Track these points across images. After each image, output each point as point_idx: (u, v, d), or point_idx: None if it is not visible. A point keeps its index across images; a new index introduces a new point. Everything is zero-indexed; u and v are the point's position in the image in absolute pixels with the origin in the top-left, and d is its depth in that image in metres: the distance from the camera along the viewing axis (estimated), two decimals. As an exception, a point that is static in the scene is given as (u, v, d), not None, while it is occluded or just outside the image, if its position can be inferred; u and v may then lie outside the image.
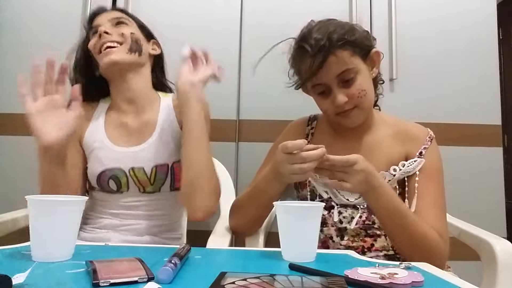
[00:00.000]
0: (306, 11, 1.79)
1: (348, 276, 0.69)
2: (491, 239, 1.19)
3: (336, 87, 1.14)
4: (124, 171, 1.27)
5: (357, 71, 1.14)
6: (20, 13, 1.89)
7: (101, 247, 0.97)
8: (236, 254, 0.95)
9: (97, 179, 1.28)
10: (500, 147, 1.80)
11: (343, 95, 1.14)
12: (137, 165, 1.27)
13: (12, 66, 1.85)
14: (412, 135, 1.23)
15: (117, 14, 1.37)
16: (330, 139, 1.28)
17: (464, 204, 1.69)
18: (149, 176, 1.28)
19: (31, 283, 0.62)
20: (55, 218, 0.78)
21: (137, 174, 1.27)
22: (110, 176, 1.27)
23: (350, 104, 1.15)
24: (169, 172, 1.29)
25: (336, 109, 1.17)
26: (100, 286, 0.62)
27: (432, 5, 1.87)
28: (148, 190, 1.29)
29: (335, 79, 1.13)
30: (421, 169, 1.17)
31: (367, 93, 1.16)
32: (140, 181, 1.28)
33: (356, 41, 1.14)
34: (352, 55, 1.13)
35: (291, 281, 0.65)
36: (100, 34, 1.28)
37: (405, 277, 0.67)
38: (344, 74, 1.13)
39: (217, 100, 1.80)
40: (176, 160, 1.30)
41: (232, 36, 1.86)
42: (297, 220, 0.87)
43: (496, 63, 1.83)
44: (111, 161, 1.28)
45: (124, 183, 1.27)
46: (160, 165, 1.28)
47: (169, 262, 0.68)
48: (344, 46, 1.12)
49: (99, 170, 1.28)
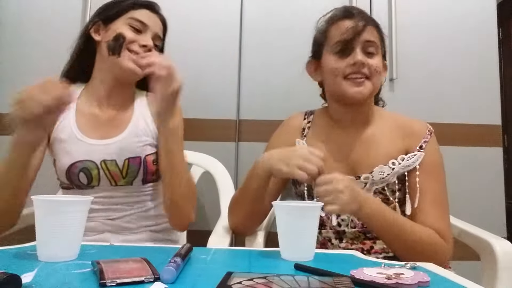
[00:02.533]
0: (306, 11, 1.81)
1: (354, 276, 0.69)
2: (491, 239, 1.19)
3: (359, 49, 1.18)
4: (96, 163, 1.23)
5: (378, 52, 1.21)
6: (20, 13, 1.88)
7: (106, 247, 0.97)
8: (241, 254, 0.95)
9: (67, 172, 1.23)
10: (500, 147, 1.81)
11: (364, 57, 1.18)
12: (109, 157, 1.24)
13: (12, 66, 1.85)
14: (411, 129, 1.23)
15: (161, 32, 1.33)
16: (328, 132, 1.28)
17: (464, 204, 1.69)
18: (121, 169, 1.25)
19: (39, 283, 0.63)
20: (61, 218, 0.78)
21: (109, 167, 1.24)
22: (81, 169, 1.23)
23: (366, 70, 1.18)
24: (141, 164, 1.27)
25: (351, 68, 1.18)
26: (107, 286, 0.62)
27: (432, 5, 1.87)
28: (120, 183, 1.26)
29: (362, 43, 1.19)
30: (421, 164, 1.17)
31: (380, 73, 1.21)
32: (112, 174, 1.25)
33: (383, 35, 1.25)
34: (379, 40, 1.23)
35: (298, 281, 0.65)
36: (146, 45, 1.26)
37: (411, 277, 0.68)
38: (371, 43, 1.20)
39: (217, 100, 1.81)
40: (148, 153, 1.28)
41: (232, 36, 1.86)
42: (295, 219, 0.88)
43: (496, 63, 1.83)
44: (82, 153, 1.24)
45: (95, 175, 1.23)
46: (132, 157, 1.26)
47: (172, 262, 0.69)
48: (377, 29, 1.23)
49: (68, 163, 1.23)
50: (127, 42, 1.25)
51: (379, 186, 1.18)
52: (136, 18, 1.27)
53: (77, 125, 1.27)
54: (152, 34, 1.29)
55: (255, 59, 1.85)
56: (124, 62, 1.25)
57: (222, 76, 1.82)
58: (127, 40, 1.25)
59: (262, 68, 1.83)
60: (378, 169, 1.17)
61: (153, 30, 1.29)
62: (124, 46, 1.25)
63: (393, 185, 1.18)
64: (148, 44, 1.26)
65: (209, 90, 1.81)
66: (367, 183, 1.18)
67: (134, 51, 1.25)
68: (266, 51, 1.84)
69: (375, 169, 1.18)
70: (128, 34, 1.25)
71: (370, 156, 1.20)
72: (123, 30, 1.26)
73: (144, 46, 1.26)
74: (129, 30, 1.26)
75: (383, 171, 1.17)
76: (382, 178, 1.17)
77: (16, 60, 1.85)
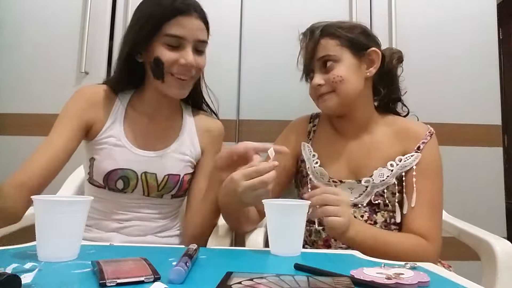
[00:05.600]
0: (306, 12, 1.81)
1: (354, 276, 0.69)
2: (491, 239, 1.19)
3: (317, 70, 1.24)
4: (137, 174, 1.23)
5: (338, 60, 1.21)
6: (19, 13, 1.88)
7: (106, 247, 0.97)
8: (241, 254, 0.95)
9: (105, 176, 1.22)
10: (500, 147, 1.81)
11: (320, 78, 1.22)
12: (151, 170, 1.25)
13: (12, 66, 1.85)
14: (411, 132, 1.24)
15: (203, 35, 1.23)
16: (331, 138, 1.31)
17: (464, 204, 1.69)
18: (159, 183, 1.26)
19: (39, 283, 0.63)
20: (61, 218, 0.78)
21: (148, 179, 1.25)
22: (121, 176, 1.22)
23: (327, 87, 1.22)
24: (179, 182, 1.28)
25: (313, 91, 1.26)
26: (107, 286, 0.62)
27: (432, 6, 1.87)
28: (152, 195, 1.27)
29: (316, 62, 1.24)
30: (418, 165, 1.18)
31: (344, 80, 1.20)
32: (149, 186, 1.25)
33: (345, 35, 1.22)
34: (338, 46, 1.22)
35: (297, 281, 0.65)
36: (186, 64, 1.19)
37: (411, 277, 0.68)
38: (326, 57, 1.22)
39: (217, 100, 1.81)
40: (187, 173, 1.30)
41: (232, 36, 1.86)
42: (283, 217, 0.91)
43: (496, 63, 1.83)
44: (125, 161, 1.23)
45: (133, 185, 1.24)
46: (172, 174, 1.27)
47: (182, 262, 0.69)
48: (332, 36, 1.22)
49: (110, 167, 1.22)
50: (166, 66, 1.19)
51: (379, 189, 1.19)
52: (171, 34, 1.18)
53: (124, 132, 1.26)
54: (192, 43, 1.20)
55: (255, 59, 1.84)
56: (169, 88, 1.23)
57: (222, 76, 1.82)
58: (165, 64, 1.19)
59: (262, 68, 1.83)
60: (378, 172, 1.20)
61: (193, 38, 1.20)
62: (165, 71, 1.20)
63: (392, 187, 1.19)
64: (188, 64, 1.19)
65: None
66: (368, 186, 1.20)
67: (176, 74, 1.20)
68: (266, 51, 1.84)
69: (374, 172, 1.20)
70: (165, 56, 1.18)
71: (371, 161, 1.22)
72: (160, 52, 1.19)
73: (183, 65, 1.19)
74: (166, 50, 1.18)
75: (382, 174, 1.19)
76: (382, 180, 1.19)
77: (16, 61, 1.85)
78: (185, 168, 1.30)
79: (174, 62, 1.18)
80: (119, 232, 1.24)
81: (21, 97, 1.84)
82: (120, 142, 1.25)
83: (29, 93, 1.84)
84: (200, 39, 1.22)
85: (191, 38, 1.19)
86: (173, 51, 1.19)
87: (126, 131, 1.27)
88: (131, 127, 1.28)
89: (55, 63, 1.85)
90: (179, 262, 0.69)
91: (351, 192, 1.21)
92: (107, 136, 1.25)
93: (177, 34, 1.18)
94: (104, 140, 1.24)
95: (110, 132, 1.25)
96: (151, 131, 1.29)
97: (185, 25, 1.18)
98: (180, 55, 1.19)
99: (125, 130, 1.27)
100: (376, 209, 1.20)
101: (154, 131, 1.29)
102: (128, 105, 1.30)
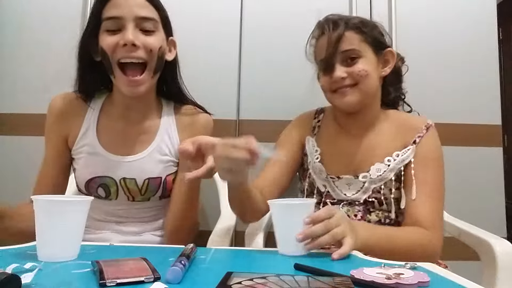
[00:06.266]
0: (306, 11, 1.80)
1: (354, 276, 0.69)
2: (491, 239, 1.19)
3: (338, 63, 1.20)
4: (115, 180, 1.20)
5: (362, 55, 1.20)
6: (20, 13, 1.88)
7: (106, 247, 0.97)
8: (241, 254, 0.95)
9: (85, 185, 1.21)
10: (500, 147, 1.80)
11: (343, 71, 1.19)
12: (129, 176, 1.20)
13: (12, 66, 1.85)
14: (409, 126, 1.25)
15: (145, 12, 1.13)
16: (335, 134, 1.32)
17: (464, 204, 1.69)
18: (140, 188, 1.22)
19: (39, 283, 0.63)
20: (61, 218, 0.78)
21: (128, 185, 1.21)
22: (100, 184, 1.20)
23: (350, 79, 1.19)
24: (161, 184, 1.24)
25: (333, 84, 1.21)
26: (107, 286, 0.62)
27: (432, 5, 1.87)
28: (138, 199, 1.24)
29: (339, 55, 1.19)
30: (416, 157, 1.19)
31: (369, 75, 1.19)
32: (131, 192, 1.22)
33: (369, 32, 1.22)
34: (363, 42, 1.21)
35: (297, 281, 0.65)
36: (125, 44, 1.10)
37: (411, 277, 0.68)
38: (349, 52, 1.19)
39: (217, 100, 1.81)
40: (169, 173, 1.25)
41: (232, 36, 1.85)
42: (287, 216, 0.92)
43: (496, 63, 1.83)
44: (102, 169, 1.20)
45: (114, 191, 1.21)
46: (153, 178, 1.22)
47: (178, 262, 0.69)
48: (357, 31, 1.20)
49: (88, 176, 1.20)
50: (109, 53, 1.11)
51: (377, 185, 1.20)
52: (107, 17, 1.11)
53: (98, 139, 1.22)
54: (133, 22, 1.11)
55: (255, 59, 1.84)
56: (121, 86, 1.15)
57: (222, 76, 1.82)
58: (107, 51, 1.11)
59: (262, 68, 1.83)
60: (375, 167, 1.21)
61: (132, 16, 1.11)
62: (112, 60, 1.12)
63: (390, 183, 1.19)
64: (127, 42, 1.09)
65: (209, 90, 1.81)
66: (366, 182, 1.21)
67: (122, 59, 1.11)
68: (266, 51, 1.84)
69: (371, 168, 1.21)
70: (105, 42, 1.11)
71: (374, 158, 1.23)
72: (101, 40, 1.12)
73: (125, 46, 1.10)
74: (106, 36, 1.11)
75: (379, 169, 1.20)
76: (379, 175, 1.20)
77: (17, 59, 1.85)
78: (167, 169, 1.24)
79: (115, 45, 1.10)
80: (117, 232, 1.24)
81: (21, 97, 1.84)
82: (95, 150, 1.21)
83: (29, 93, 1.83)
84: (141, 15, 1.12)
85: (130, 16, 1.10)
86: (114, 35, 1.11)
87: (100, 138, 1.22)
88: (105, 133, 1.23)
89: (55, 63, 1.84)
90: (175, 262, 0.69)
91: (348, 188, 1.22)
92: (82, 145, 1.23)
93: (113, 15, 1.11)
94: (80, 149, 1.23)
95: (85, 141, 1.22)
96: (127, 135, 1.24)
97: (120, 4, 1.11)
98: (120, 37, 1.10)
99: (99, 137, 1.22)
100: (370, 209, 1.20)
101: (130, 135, 1.24)
102: (100, 111, 1.26)
